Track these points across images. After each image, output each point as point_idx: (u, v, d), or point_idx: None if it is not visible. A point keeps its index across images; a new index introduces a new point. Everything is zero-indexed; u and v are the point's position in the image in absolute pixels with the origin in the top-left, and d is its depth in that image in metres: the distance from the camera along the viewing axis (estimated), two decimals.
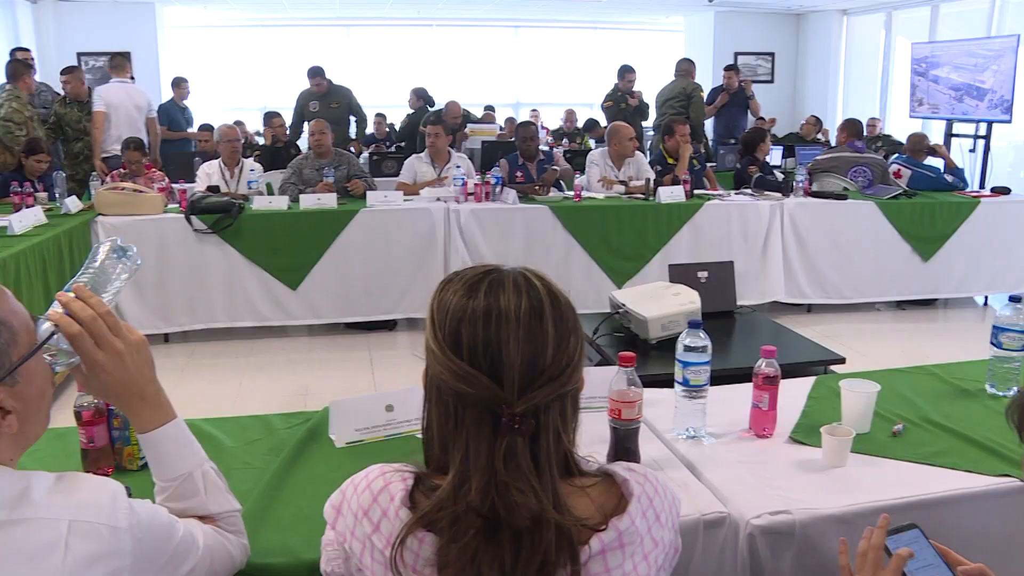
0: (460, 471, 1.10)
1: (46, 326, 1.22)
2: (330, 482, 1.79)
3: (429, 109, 10.35)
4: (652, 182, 6.30)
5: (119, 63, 8.36)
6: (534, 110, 13.80)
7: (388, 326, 6.05)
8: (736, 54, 12.57)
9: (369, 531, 1.14)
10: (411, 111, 10.63)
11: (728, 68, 10.11)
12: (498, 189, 6.09)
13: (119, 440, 1.87)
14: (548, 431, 1.11)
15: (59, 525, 1.07)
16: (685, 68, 9.39)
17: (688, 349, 2.01)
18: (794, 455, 1.96)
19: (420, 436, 1.98)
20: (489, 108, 12.35)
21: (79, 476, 1.16)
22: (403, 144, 10.03)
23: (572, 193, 6.23)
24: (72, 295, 1.26)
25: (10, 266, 4.36)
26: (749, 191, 6.61)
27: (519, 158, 6.68)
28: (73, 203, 5.77)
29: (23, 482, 1.10)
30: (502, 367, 1.09)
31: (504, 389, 1.09)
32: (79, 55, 11.43)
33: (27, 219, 5.15)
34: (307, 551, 1.54)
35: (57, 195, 6.18)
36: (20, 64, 7.33)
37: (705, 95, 9.37)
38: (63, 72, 7.74)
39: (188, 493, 1.36)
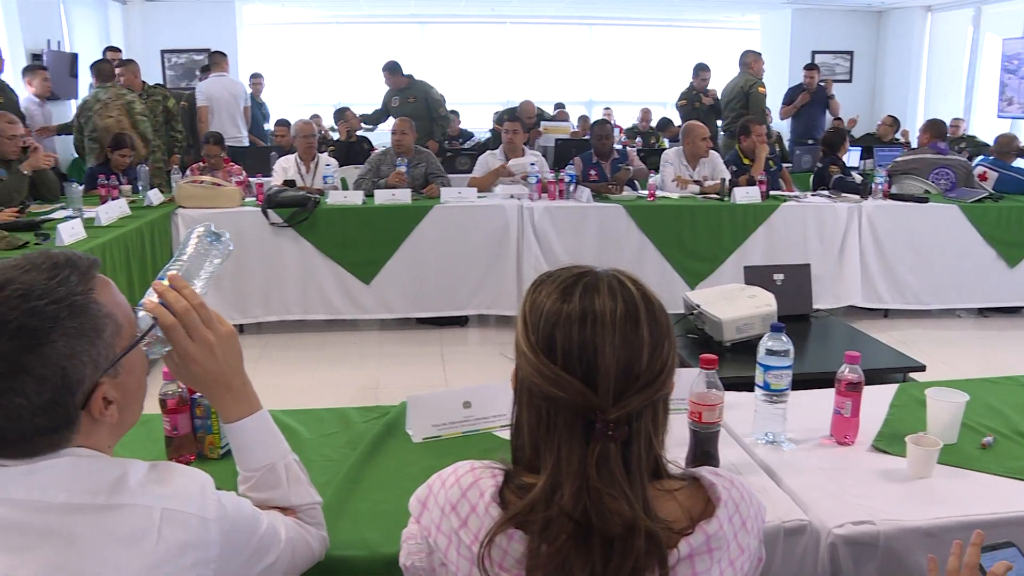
0: (552, 475, 1.09)
1: (142, 314, 1.25)
2: (407, 477, 1.82)
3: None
4: (727, 182, 6.21)
5: (217, 60, 8.77)
6: (607, 108, 13.75)
7: (459, 322, 6.07)
8: (813, 53, 12.33)
9: (456, 526, 1.14)
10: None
11: (809, 67, 9.89)
12: (572, 187, 6.07)
13: (201, 428, 1.90)
14: (640, 437, 1.10)
15: (152, 513, 1.09)
16: (746, 60, 8.90)
17: (770, 353, 1.98)
18: (877, 464, 1.91)
19: (497, 434, 2.02)
20: (559, 106, 12.33)
21: (171, 466, 1.19)
22: None
23: (646, 192, 6.18)
24: (167, 284, 1.29)
25: (97, 256, 4.48)
26: (827, 192, 6.48)
27: (593, 156, 6.65)
28: (155, 195, 5.92)
29: (120, 469, 1.13)
30: (597, 373, 1.07)
31: (599, 395, 1.07)
32: (163, 52, 11.72)
33: (113, 211, 5.30)
34: (385, 545, 1.55)
35: (140, 188, 6.34)
36: (107, 64, 7.56)
37: (765, 90, 8.87)
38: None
39: (270, 484, 1.39)
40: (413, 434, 2.01)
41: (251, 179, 6.44)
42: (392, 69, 8.34)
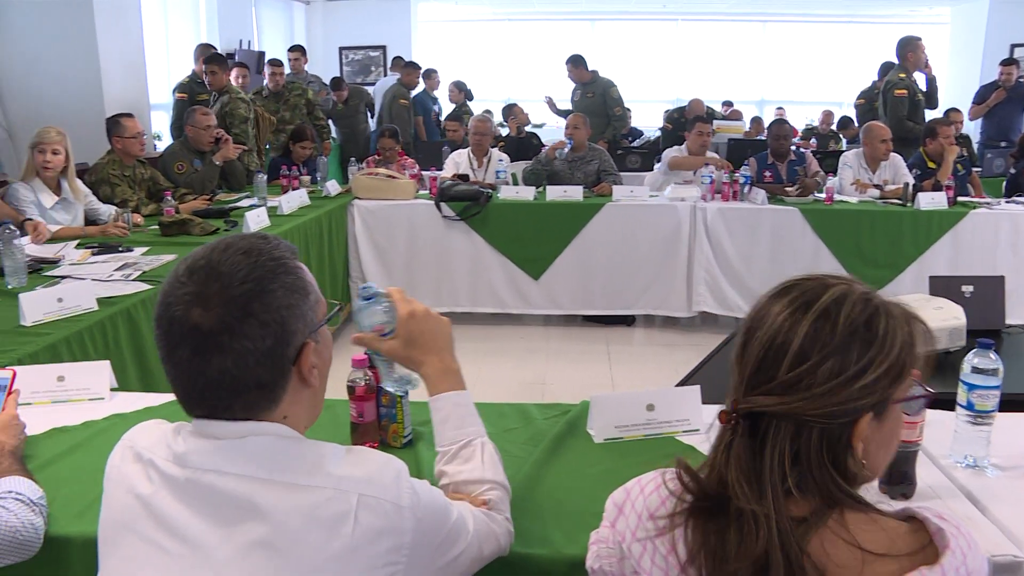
0: (710, 457, 1.11)
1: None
2: (590, 478, 1.80)
3: (469, 104, 10.23)
4: (911, 187, 5.90)
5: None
6: (779, 108, 13.35)
7: (627, 321, 6.01)
8: (1012, 46, 11.50)
9: (653, 534, 1.11)
10: (452, 104, 10.44)
11: (1006, 62, 9.20)
12: (746, 189, 5.91)
13: (386, 417, 1.93)
14: (775, 446, 1.04)
15: (350, 497, 1.11)
16: (902, 51, 7.32)
17: (977, 371, 1.84)
18: None
19: (680, 438, 1.98)
20: (728, 104, 12.06)
21: (366, 451, 1.20)
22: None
23: (823, 196, 5.95)
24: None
25: None
26: (1022, 199, 6.07)
27: (769, 157, 6.45)
28: (333, 186, 6.14)
29: (318, 451, 1.16)
30: (744, 364, 1.09)
31: (737, 381, 1.10)
32: (340, 49, 12.16)
33: (294, 201, 5.53)
34: (568, 545, 1.53)
35: (319, 178, 6.58)
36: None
37: (908, 92, 7.31)
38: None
39: (466, 457, 1.47)
40: (594, 434, 1.98)
41: (424, 172, 6.58)
42: (576, 62, 8.29)
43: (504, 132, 9.63)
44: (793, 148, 6.99)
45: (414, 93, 9.85)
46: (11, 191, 4.50)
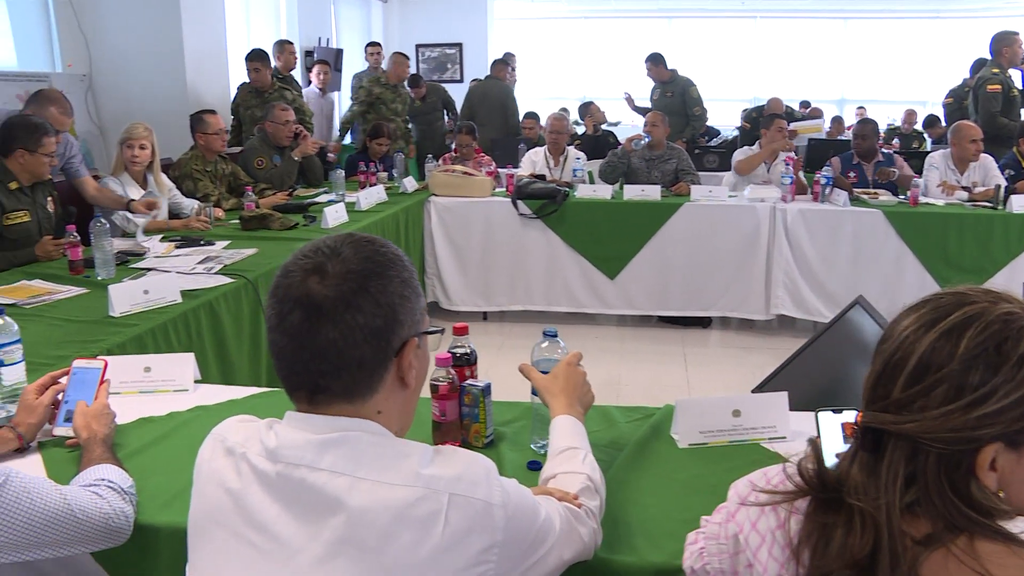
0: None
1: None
2: (676, 483, 1.76)
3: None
4: (1002, 189, 5.70)
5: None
6: (860, 107, 13.04)
7: (703, 323, 5.93)
8: None
9: (774, 526, 1.08)
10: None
11: None
12: (828, 190, 5.77)
13: (467, 416, 1.92)
14: (891, 463, 1.00)
15: (441, 497, 1.09)
16: (997, 46, 6.99)
17: None
18: None
19: (766, 446, 1.92)
20: (805, 104, 11.83)
21: (455, 450, 1.19)
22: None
23: (908, 198, 5.78)
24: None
25: None
26: None
27: (853, 157, 6.30)
28: (410, 183, 6.17)
29: (407, 450, 1.15)
30: (868, 377, 1.06)
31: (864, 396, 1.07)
32: (417, 46, 12.24)
33: (371, 197, 5.57)
34: (654, 552, 1.50)
35: (395, 175, 6.63)
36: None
37: (1002, 88, 6.95)
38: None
39: (569, 457, 1.54)
40: (679, 439, 1.94)
41: (500, 170, 6.58)
42: (655, 60, 8.21)
43: (580, 130, 9.59)
44: (884, 150, 6.81)
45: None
46: (101, 185, 4.62)
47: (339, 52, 9.95)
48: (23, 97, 4.71)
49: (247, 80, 6.95)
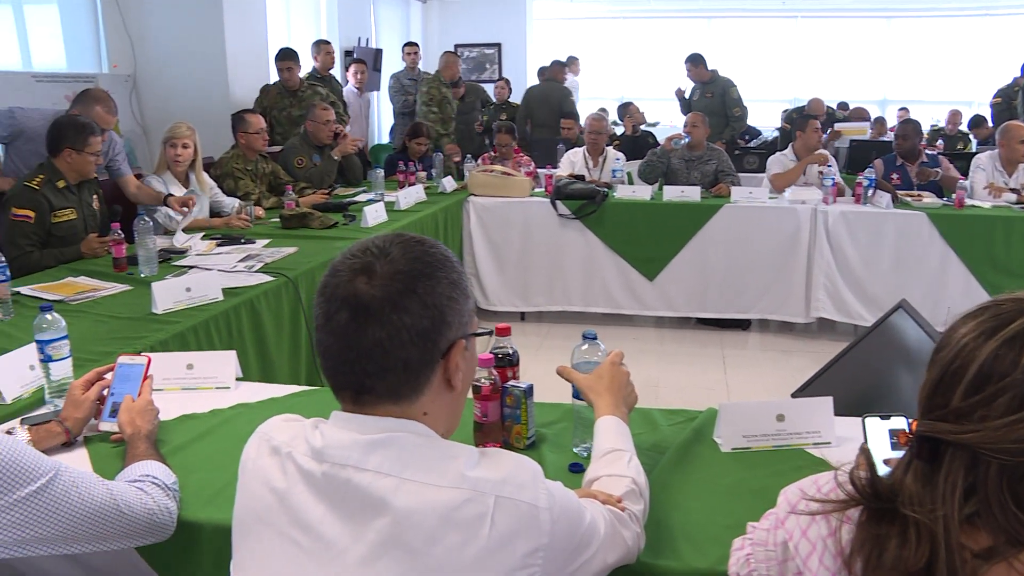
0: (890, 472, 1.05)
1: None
2: (719, 488, 1.74)
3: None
4: None
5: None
6: (902, 108, 12.85)
7: (742, 325, 5.88)
8: None
9: (825, 534, 1.06)
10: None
11: None
12: (870, 192, 5.69)
13: (509, 418, 1.91)
14: (948, 474, 0.97)
15: (486, 499, 1.09)
16: None
17: None
18: None
19: (810, 451, 1.90)
20: (843, 105, 11.67)
21: (500, 452, 1.18)
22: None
23: (953, 200, 5.69)
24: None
25: None
26: None
27: (896, 159, 6.21)
28: (449, 183, 6.18)
29: (453, 452, 1.14)
30: (925, 384, 1.03)
31: (920, 404, 1.04)
32: (456, 46, 12.25)
33: (410, 196, 5.59)
34: (697, 558, 1.49)
35: (434, 175, 6.64)
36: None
37: None
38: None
39: (613, 460, 1.53)
40: (722, 443, 1.92)
41: (539, 170, 6.57)
42: (695, 61, 8.17)
43: (619, 131, 9.55)
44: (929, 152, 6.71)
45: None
46: (144, 183, 4.68)
47: (378, 52, 9.99)
48: (71, 97, 4.79)
49: (271, 83, 6.96)
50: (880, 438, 1.63)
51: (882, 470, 1.06)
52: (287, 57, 6.76)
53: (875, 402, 2.94)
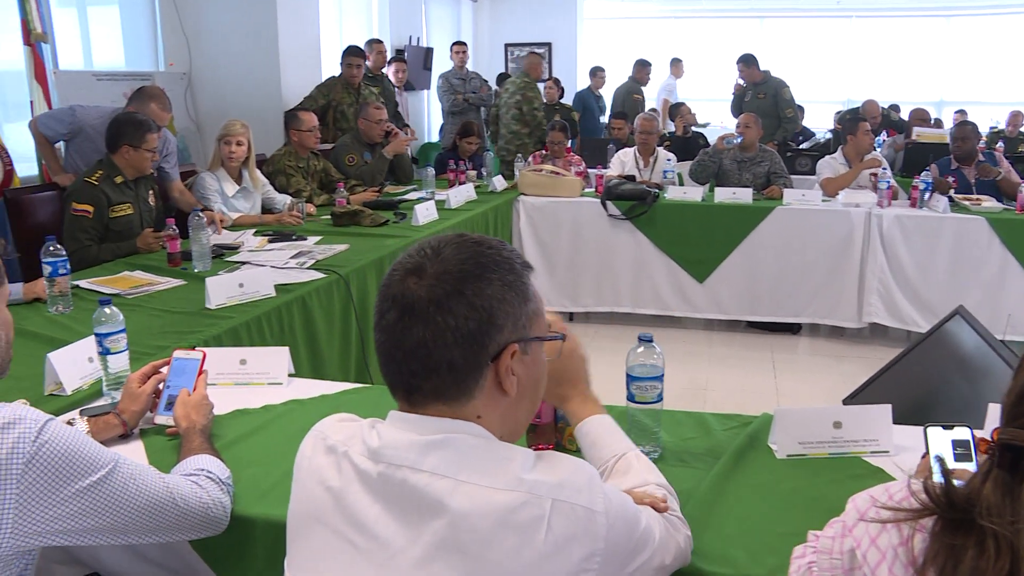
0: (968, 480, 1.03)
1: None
2: (775, 496, 1.71)
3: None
4: None
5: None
6: (959, 110, 12.60)
7: (792, 329, 5.81)
8: None
9: (896, 543, 1.04)
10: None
11: None
12: (927, 195, 5.58)
13: (562, 419, 1.90)
14: None
15: (543, 503, 1.08)
16: None
17: None
18: None
19: (867, 459, 1.86)
20: (895, 108, 11.47)
21: (557, 456, 1.17)
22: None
23: (1014, 204, 5.55)
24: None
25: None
26: None
27: (951, 162, 6.09)
28: (499, 182, 6.19)
29: (509, 455, 1.13)
30: (1010, 391, 1.01)
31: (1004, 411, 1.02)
32: (506, 46, 12.27)
33: (461, 195, 5.60)
34: (753, 566, 1.46)
35: (484, 174, 6.64)
36: None
37: None
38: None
39: (622, 470, 1.48)
40: (777, 449, 1.89)
41: (590, 170, 6.55)
42: (747, 61, 8.10)
43: (670, 128, 9.49)
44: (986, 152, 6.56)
45: (577, 90, 9.85)
46: (199, 180, 4.75)
47: (429, 51, 10.04)
48: (128, 95, 4.86)
49: (335, 76, 7.02)
50: (943, 449, 1.59)
51: (940, 480, 1.03)
52: (356, 54, 6.81)
53: (929, 411, 2.88)
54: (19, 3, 4.93)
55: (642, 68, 10.07)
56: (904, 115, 10.57)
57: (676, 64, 11.70)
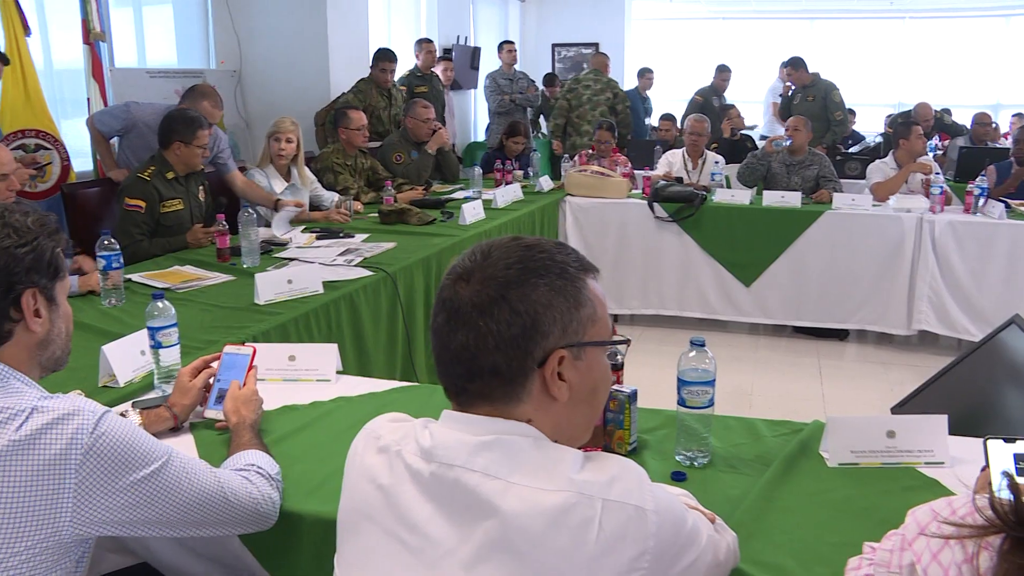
0: None
1: None
2: (826, 504, 1.69)
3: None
4: None
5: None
6: (1017, 113, 12.34)
7: (839, 335, 5.72)
8: None
9: (960, 559, 1.01)
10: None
11: None
12: (981, 201, 5.46)
13: (612, 422, 1.90)
14: None
15: (594, 503, 1.07)
16: None
17: None
18: None
19: (921, 470, 1.83)
20: (946, 111, 11.27)
21: (605, 456, 1.16)
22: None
23: None
24: None
25: (494, 236, 4.75)
26: None
27: (1011, 166, 5.96)
28: (546, 182, 6.17)
29: (560, 455, 1.13)
30: None
31: None
32: (553, 46, 12.25)
33: (507, 195, 5.59)
34: (803, 575, 1.44)
35: (531, 174, 6.64)
36: None
37: None
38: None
39: None
40: (828, 457, 1.86)
41: (636, 171, 6.51)
42: (795, 65, 8.03)
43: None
44: None
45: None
46: (247, 177, 4.79)
47: (476, 50, 10.05)
48: (180, 92, 4.94)
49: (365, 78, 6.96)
50: (1004, 462, 1.54)
51: (1007, 496, 1.00)
52: (388, 58, 6.83)
53: (981, 422, 2.82)
54: (80, 3, 5.02)
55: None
56: (956, 118, 10.40)
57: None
